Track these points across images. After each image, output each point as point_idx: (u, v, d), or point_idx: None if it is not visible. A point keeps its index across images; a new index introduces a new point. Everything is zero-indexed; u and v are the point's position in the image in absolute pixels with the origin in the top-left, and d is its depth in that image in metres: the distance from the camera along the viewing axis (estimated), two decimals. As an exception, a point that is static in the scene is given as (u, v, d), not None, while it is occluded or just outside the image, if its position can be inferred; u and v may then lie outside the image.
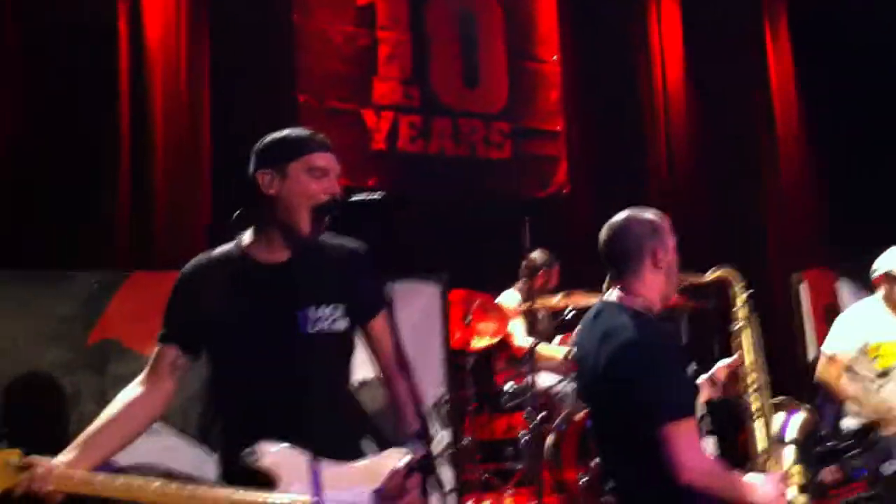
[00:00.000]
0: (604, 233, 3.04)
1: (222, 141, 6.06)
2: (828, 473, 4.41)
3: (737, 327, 3.16)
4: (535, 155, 7.50)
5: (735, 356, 3.15)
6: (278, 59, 6.56)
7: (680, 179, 7.75)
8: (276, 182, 2.57)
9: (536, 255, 6.01)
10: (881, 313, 4.89)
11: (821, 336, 5.73)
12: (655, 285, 2.98)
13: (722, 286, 3.21)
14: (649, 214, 3.08)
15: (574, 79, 7.65)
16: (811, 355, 5.76)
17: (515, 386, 5.64)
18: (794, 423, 3.23)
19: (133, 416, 2.59)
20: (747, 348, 3.14)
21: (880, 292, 4.90)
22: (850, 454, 4.51)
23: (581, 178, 7.57)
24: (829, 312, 5.77)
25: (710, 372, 3.23)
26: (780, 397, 3.24)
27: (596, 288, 5.89)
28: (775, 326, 6.52)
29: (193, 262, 2.70)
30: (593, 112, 7.66)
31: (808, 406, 3.30)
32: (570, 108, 7.61)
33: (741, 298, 3.17)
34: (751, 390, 3.10)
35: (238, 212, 2.66)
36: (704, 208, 7.66)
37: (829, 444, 4.55)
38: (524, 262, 6.02)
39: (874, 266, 4.92)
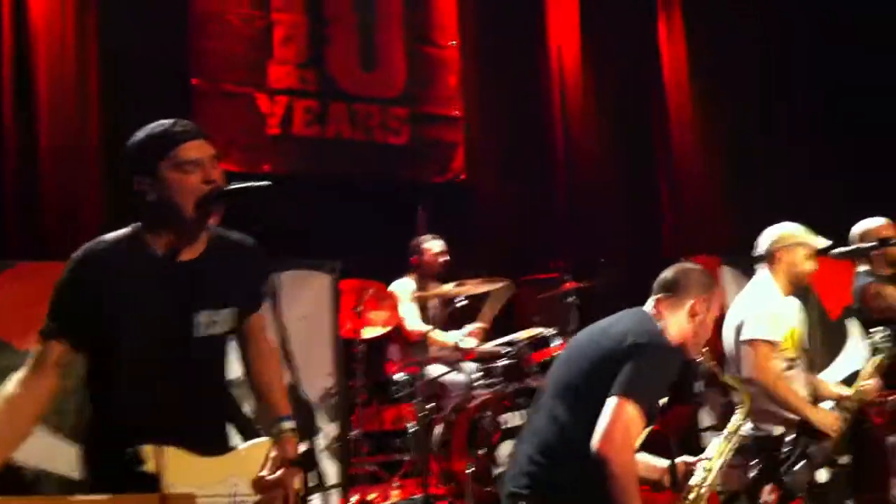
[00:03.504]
0: (673, 266, 3.35)
1: (112, 126, 5.90)
2: (765, 494, 3.96)
3: (725, 434, 3.34)
4: (432, 140, 7.45)
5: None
6: (171, 41, 6.40)
7: (578, 166, 7.80)
8: (152, 188, 2.48)
9: (415, 240, 6.03)
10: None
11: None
12: (679, 330, 3.21)
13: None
14: (711, 279, 3.39)
15: (473, 64, 7.63)
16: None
17: (406, 375, 5.68)
18: None
19: (18, 418, 2.43)
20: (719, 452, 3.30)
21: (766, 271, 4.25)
22: (785, 468, 4.00)
23: (479, 165, 7.57)
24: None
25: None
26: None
27: (490, 274, 6.03)
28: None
29: (86, 249, 2.53)
30: (492, 98, 7.66)
31: None
32: (468, 94, 7.59)
33: (735, 426, 3.35)
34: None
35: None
36: (603, 194, 7.78)
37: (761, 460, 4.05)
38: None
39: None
